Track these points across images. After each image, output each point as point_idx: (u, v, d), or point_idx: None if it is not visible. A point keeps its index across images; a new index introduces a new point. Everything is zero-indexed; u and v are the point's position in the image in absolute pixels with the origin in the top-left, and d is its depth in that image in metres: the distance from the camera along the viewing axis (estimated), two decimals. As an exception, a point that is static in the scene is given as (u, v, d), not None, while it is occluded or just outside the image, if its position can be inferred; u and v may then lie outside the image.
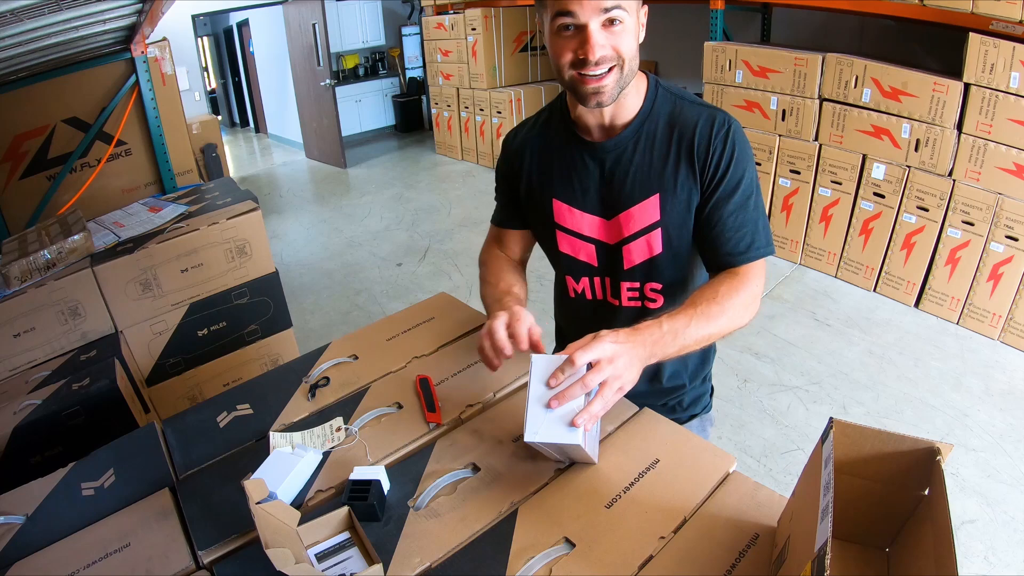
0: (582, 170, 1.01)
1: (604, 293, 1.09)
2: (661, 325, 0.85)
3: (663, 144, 0.96)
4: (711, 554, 0.72)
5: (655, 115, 0.97)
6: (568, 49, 0.86)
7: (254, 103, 8.79)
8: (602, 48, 0.85)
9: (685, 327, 0.86)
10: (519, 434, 0.91)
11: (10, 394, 1.56)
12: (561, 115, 1.04)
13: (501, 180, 1.14)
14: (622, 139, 0.98)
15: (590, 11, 0.82)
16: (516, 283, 1.08)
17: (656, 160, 0.97)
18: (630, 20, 0.86)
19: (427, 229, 4.48)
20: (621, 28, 0.85)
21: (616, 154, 0.98)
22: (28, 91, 2.64)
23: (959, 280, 2.83)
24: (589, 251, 1.05)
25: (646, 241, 1.00)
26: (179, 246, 1.94)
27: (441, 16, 5.57)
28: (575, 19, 0.83)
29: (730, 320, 0.90)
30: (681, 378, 1.16)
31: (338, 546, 0.75)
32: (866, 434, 0.63)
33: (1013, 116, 2.51)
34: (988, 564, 1.77)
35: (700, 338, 0.88)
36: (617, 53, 0.86)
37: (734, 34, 3.94)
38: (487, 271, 1.13)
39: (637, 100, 0.97)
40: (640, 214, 0.98)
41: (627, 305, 1.07)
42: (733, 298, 0.91)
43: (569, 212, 1.04)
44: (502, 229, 1.17)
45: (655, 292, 1.05)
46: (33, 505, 0.88)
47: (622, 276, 1.04)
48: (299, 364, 1.14)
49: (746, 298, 0.92)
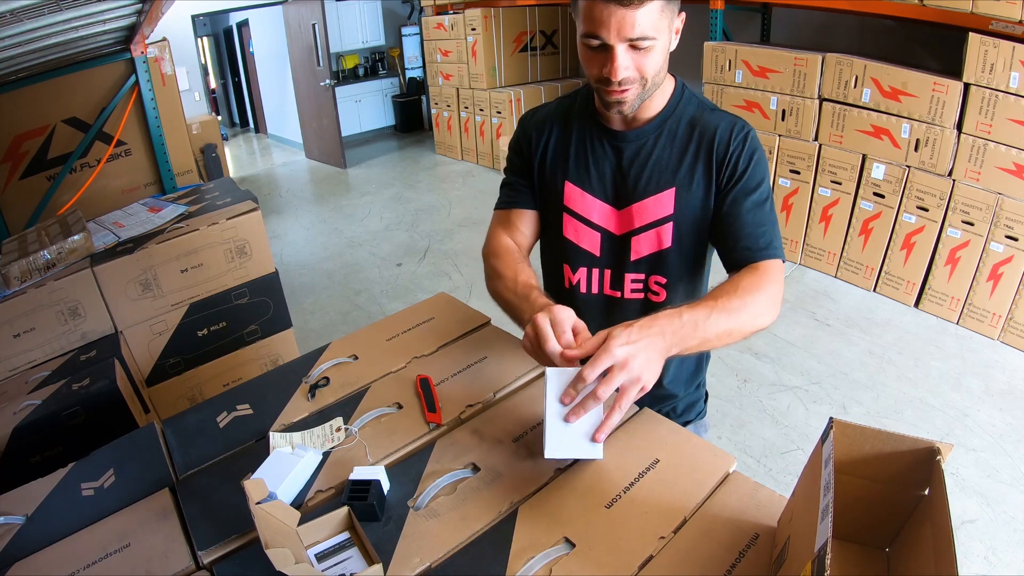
0: (600, 156, 1.02)
1: (601, 286, 1.08)
2: (681, 315, 0.81)
3: (683, 141, 0.98)
4: (711, 554, 0.72)
5: (678, 114, 1.00)
6: (595, 63, 0.89)
7: (254, 103, 8.79)
8: (626, 70, 0.87)
9: (706, 318, 0.82)
10: (519, 434, 0.91)
11: (10, 394, 1.56)
12: (585, 101, 1.05)
13: (515, 156, 1.11)
14: (644, 131, 0.99)
15: (616, 37, 0.84)
16: (533, 277, 1.02)
17: (675, 155, 0.98)
18: (660, 41, 0.87)
19: (427, 229, 4.48)
20: (648, 49, 0.86)
21: (637, 145, 1.00)
22: (28, 91, 2.64)
23: (959, 280, 2.83)
24: (593, 240, 1.05)
25: (656, 234, 1.01)
26: (179, 246, 1.94)
27: (441, 16, 5.57)
28: (602, 41, 0.85)
29: (752, 316, 0.87)
30: (676, 386, 1.16)
31: (338, 546, 0.75)
32: (866, 434, 0.63)
33: (1013, 116, 2.51)
34: (988, 564, 1.77)
35: (722, 332, 0.84)
36: (641, 73, 0.88)
37: (734, 34, 3.94)
38: (498, 263, 1.04)
39: (662, 99, 0.99)
40: (654, 206, 0.99)
41: (629, 297, 1.07)
42: (755, 293, 0.88)
43: (580, 196, 1.03)
44: (511, 211, 1.11)
45: (659, 286, 1.05)
46: (33, 505, 0.88)
47: (627, 268, 1.04)
48: (299, 364, 1.14)
49: (769, 295, 0.89)
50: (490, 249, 1.08)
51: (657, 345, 0.77)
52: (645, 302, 1.07)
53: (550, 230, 1.10)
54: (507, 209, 1.11)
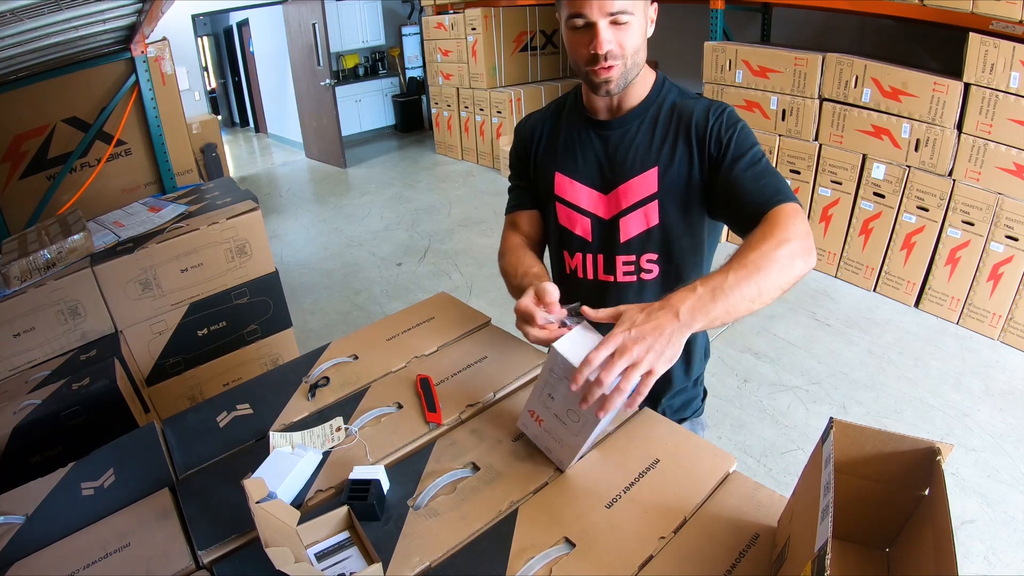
0: (586, 145, 1.09)
1: (596, 271, 1.12)
2: (695, 288, 0.77)
3: (664, 125, 1.05)
4: (711, 554, 0.72)
5: (659, 101, 1.07)
6: (581, 45, 0.96)
7: (254, 103, 8.79)
8: (609, 43, 0.94)
9: (723, 281, 0.78)
10: (519, 434, 0.91)
11: (10, 394, 1.56)
12: (575, 101, 1.13)
13: (516, 162, 1.21)
14: (628, 118, 1.06)
15: (598, 13, 0.92)
16: (535, 264, 1.07)
17: (657, 138, 1.05)
18: (636, 19, 0.95)
19: (427, 229, 4.48)
20: (627, 26, 0.95)
21: (621, 132, 1.07)
22: (28, 91, 2.64)
23: (959, 280, 2.83)
24: (584, 225, 1.10)
25: (643, 213, 1.05)
26: (179, 246, 1.94)
27: (441, 16, 5.57)
28: (586, 19, 0.93)
29: (780, 266, 0.80)
30: (676, 379, 1.16)
31: (338, 545, 0.75)
32: (866, 434, 0.63)
33: (1013, 116, 2.51)
34: (988, 564, 1.77)
35: (749, 294, 0.78)
36: (622, 49, 0.96)
37: (734, 34, 3.94)
38: (506, 262, 1.12)
39: (644, 89, 1.07)
40: (639, 185, 1.04)
41: (622, 280, 1.10)
42: (773, 241, 0.82)
43: (569, 184, 1.10)
44: (517, 213, 1.20)
45: (651, 263, 1.08)
46: (33, 505, 0.88)
47: (618, 250, 1.08)
48: (299, 364, 1.14)
49: (791, 239, 0.82)
50: (500, 251, 1.17)
51: (666, 327, 0.74)
52: (639, 283, 1.09)
53: (549, 220, 1.16)
54: (513, 213, 1.21)
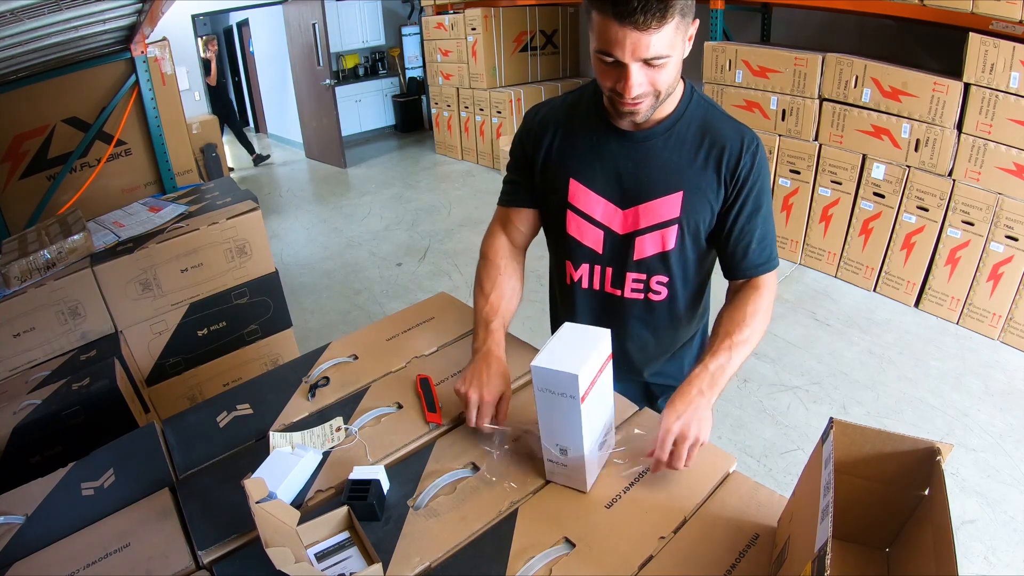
0: (606, 155, 1.01)
1: (603, 283, 1.09)
2: (707, 367, 0.92)
3: (693, 146, 0.98)
4: (711, 554, 0.72)
5: (688, 118, 0.99)
6: (608, 77, 0.88)
7: (254, 103, 8.78)
8: (640, 87, 0.86)
9: (728, 360, 0.93)
10: (519, 434, 0.91)
11: (10, 394, 1.56)
12: (593, 99, 1.03)
13: (518, 154, 1.11)
14: (654, 132, 0.99)
15: (631, 56, 0.83)
16: (508, 293, 1.07)
17: (684, 159, 0.98)
18: (673, 56, 0.85)
19: (427, 229, 4.48)
20: (662, 66, 0.85)
21: (646, 146, 0.99)
22: (28, 91, 2.63)
23: (959, 280, 2.83)
24: (596, 237, 1.05)
25: (661, 235, 1.01)
26: (179, 246, 1.94)
27: (441, 16, 5.57)
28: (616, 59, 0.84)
29: (759, 336, 0.99)
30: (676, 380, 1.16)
31: (338, 545, 0.75)
32: (866, 434, 0.63)
33: (1013, 116, 2.51)
34: (988, 564, 1.77)
35: (741, 363, 0.96)
36: (655, 87, 0.88)
37: (734, 34, 3.94)
38: (483, 270, 1.10)
39: (672, 103, 0.98)
40: (660, 207, 1.00)
41: (629, 297, 1.08)
42: (758, 316, 0.99)
43: (585, 194, 1.03)
44: (511, 209, 1.13)
45: (660, 285, 1.06)
46: (33, 505, 0.88)
47: (629, 267, 1.05)
48: (299, 364, 1.14)
49: (768, 312, 1.01)
50: (482, 248, 1.14)
51: (701, 405, 0.87)
52: (646, 303, 1.08)
53: (554, 227, 1.11)
54: (507, 207, 1.13)
